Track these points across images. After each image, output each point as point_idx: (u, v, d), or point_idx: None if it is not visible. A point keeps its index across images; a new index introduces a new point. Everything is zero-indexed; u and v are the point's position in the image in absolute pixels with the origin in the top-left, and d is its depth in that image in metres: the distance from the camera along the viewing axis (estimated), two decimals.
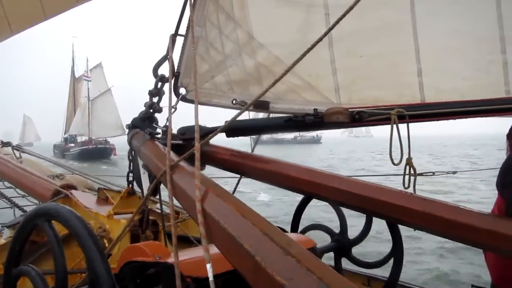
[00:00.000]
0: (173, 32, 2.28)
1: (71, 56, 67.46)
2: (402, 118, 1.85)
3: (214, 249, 1.12)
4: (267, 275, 0.84)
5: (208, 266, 1.01)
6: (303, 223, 2.38)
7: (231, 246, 1.01)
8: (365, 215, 2.07)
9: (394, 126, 1.83)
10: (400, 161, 1.82)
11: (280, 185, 2.13)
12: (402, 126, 1.86)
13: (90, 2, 5.13)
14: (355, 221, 2.39)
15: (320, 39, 1.40)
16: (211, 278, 0.97)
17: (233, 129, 2.18)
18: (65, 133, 67.46)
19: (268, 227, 1.02)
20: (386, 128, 1.90)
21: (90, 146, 52.29)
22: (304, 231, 2.34)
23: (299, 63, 1.54)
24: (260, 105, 2.28)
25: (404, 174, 1.78)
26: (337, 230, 2.27)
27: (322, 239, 2.23)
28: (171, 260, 1.40)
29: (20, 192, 4.00)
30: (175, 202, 1.47)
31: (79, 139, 61.75)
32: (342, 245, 2.20)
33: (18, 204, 3.81)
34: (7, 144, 4.50)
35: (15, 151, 4.31)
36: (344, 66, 2.24)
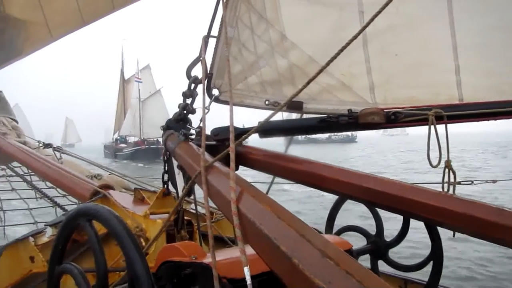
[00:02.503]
0: (205, 33, 2.31)
1: (120, 59, 69.33)
2: (440, 119, 1.79)
3: (249, 250, 1.12)
4: (305, 278, 0.83)
5: (246, 269, 1.01)
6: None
7: (267, 247, 1.01)
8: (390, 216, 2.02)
9: (432, 127, 1.77)
10: (438, 163, 1.77)
11: (313, 186, 2.11)
12: (440, 126, 1.81)
13: (131, 5, 5.30)
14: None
15: (356, 37, 1.37)
16: (248, 282, 0.97)
17: (267, 129, 2.17)
18: (114, 134, 69.55)
19: (304, 228, 1.00)
20: (423, 126, 1.85)
21: (143, 147, 53.49)
22: (339, 233, 2.31)
23: (332, 62, 1.52)
24: (293, 105, 2.27)
25: (443, 180, 1.73)
26: (372, 231, 2.24)
27: (357, 241, 2.20)
28: (207, 260, 1.41)
29: (61, 192, 4.16)
30: (210, 202, 1.49)
31: (129, 139, 63.36)
32: (378, 247, 2.16)
33: (59, 204, 3.95)
34: (48, 145, 4.68)
35: (55, 152, 4.48)
36: (379, 64, 2.19)
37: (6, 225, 3.82)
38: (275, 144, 2.56)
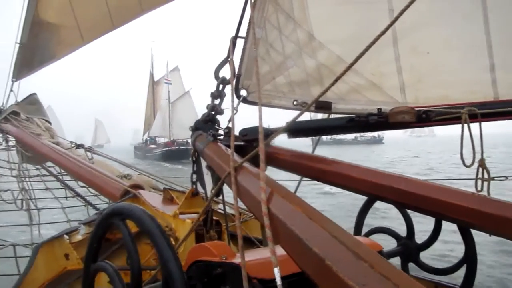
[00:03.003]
0: (233, 34, 2.32)
1: (150, 61, 70.67)
2: (473, 117, 1.74)
3: (279, 250, 1.12)
4: (339, 280, 0.82)
5: (276, 270, 1.00)
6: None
7: (299, 248, 1.00)
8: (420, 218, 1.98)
9: (465, 126, 1.72)
10: (472, 163, 1.72)
11: (342, 187, 2.09)
12: (473, 126, 1.75)
13: (159, 8, 5.38)
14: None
15: (383, 32, 1.35)
16: (279, 283, 0.97)
17: (295, 130, 2.16)
18: (144, 135, 70.83)
19: (337, 229, 0.99)
20: (451, 127, 1.80)
21: (173, 148, 54.20)
22: (368, 234, 2.28)
23: (362, 62, 1.50)
24: (322, 105, 2.25)
25: (477, 178, 1.68)
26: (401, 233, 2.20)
27: (386, 243, 2.16)
28: (237, 260, 1.41)
29: (92, 191, 4.27)
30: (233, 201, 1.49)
31: (158, 140, 64.36)
32: (409, 249, 2.11)
33: (91, 202, 4.06)
34: (80, 146, 4.82)
35: (87, 152, 4.60)
36: (410, 63, 2.15)
37: (40, 223, 3.95)
38: (300, 145, 2.54)
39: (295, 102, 2.40)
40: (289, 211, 1.15)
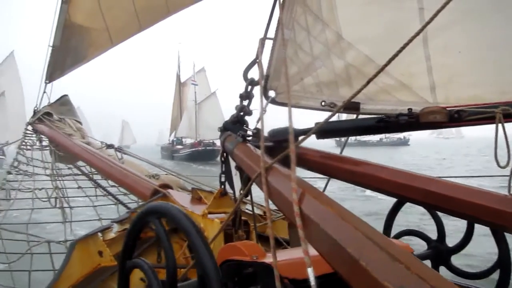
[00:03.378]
0: (261, 36, 2.34)
1: (176, 62, 71.51)
2: (508, 117, 1.70)
3: (310, 251, 1.13)
4: (374, 281, 0.83)
5: (310, 270, 1.01)
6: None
7: (332, 249, 1.01)
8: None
9: (500, 125, 1.69)
10: (507, 163, 1.68)
11: (371, 188, 2.08)
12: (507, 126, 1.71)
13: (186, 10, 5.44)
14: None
15: (418, 33, 1.34)
16: (313, 282, 0.98)
17: (324, 130, 2.17)
18: (170, 136, 71.67)
19: (370, 231, 1.00)
20: (480, 128, 1.76)
21: (200, 148, 54.60)
22: (397, 237, 2.26)
23: (391, 61, 1.49)
24: (350, 106, 2.24)
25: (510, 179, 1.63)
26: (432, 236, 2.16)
27: (414, 246, 2.13)
28: (268, 260, 1.43)
29: (122, 190, 4.38)
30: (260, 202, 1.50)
31: (184, 141, 65.00)
32: (440, 252, 2.08)
33: (122, 201, 4.15)
34: (110, 146, 4.94)
35: (117, 152, 4.71)
36: (441, 63, 2.11)
37: (73, 221, 4.07)
38: (321, 146, 2.52)
39: (323, 103, 2.40)
40: (321, 211, 1.16)
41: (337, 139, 2.93)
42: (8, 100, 56.70)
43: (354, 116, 2.40)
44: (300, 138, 1.68)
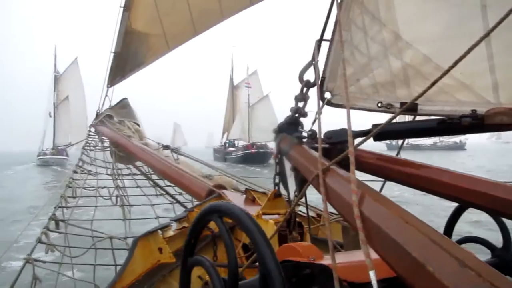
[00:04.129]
0: (316, 37, 2.34)
1: (229, 66, 72.76)
2: None
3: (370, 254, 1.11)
4: (442, 287, 0.80)
5: (372, 273, 1.00)
6: None
7: (395, 253, 0.99)
8: None
9: None
10: None
11: (430, 192, 2.01)
12: None
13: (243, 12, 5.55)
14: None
15: (488, 34, 1.29)
16: (375, 286, 0.96)
17: (382, 132, 2.13)
18: (222, 138, 72.90)
19: (436, 235, 0.97)
20: None
21: (253, 151, 54.91)
22: (458, 244, 2.17)
23: (451, 61, 1.44)
24: (408, 108, 2.19)
25: None
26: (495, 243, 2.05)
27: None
28: (326, 262, 1.43)
29: (177, 190, 4.52)
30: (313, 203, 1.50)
31: (236, 143, 65.83)
32: (505, 261, 1.97)
33: (179, 201, 4.30)
34: (166, 147, 5.13)
35: (173, 153, 4.88)
36: (505, 61, 2.01)
37: (132, 218, 4.26)
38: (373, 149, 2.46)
39: (379, 104, 2.35)
40: (383, 214, 1.14)
41: (388, 142, 2.84)
42: (72, 104, 60.31)
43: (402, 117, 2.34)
44: (359, 140, 1.66)
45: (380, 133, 2.14)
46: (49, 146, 63.24)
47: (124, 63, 6.07)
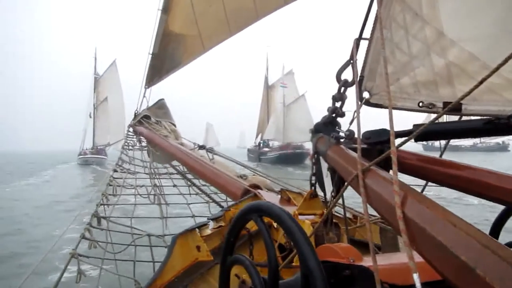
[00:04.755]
0: (353, 36, 2.30)
1: (265, 65, 72.68)
2: None
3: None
4: None
5: (415, 276, 0.98)
6: None
7: (442, 256, 0.96)
8: None
9: None
10: None
11: (476, 194, 1.93)
12: None
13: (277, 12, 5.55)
14: None
15: None
16: None
17: (424, 133, 2.07)
18: (256, 138, 72.96)
19: (485, 238, 0.93)
20: None
21: (289, 151, 54.49)
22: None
23: (499, 59, 1.38)
24: (452, 107, 2.12)
25: None
26: None
27: None
28: (367, 264, 1.40)
29: (212, 189, 4.58)
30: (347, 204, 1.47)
31: (271, 144, 65.68)
32: None
33: (215, 200, 4.35)
34: (202, 147, 5.19)
35: (208, 153, 4.94)
36: None
37: (169, 216, 4.34)
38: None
39: (420, 104, 2.29)
40: (427, 215, 1.11)
41: (425, 143, 2.75)
42: (110, 104, 62.21)
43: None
44: (401, 140, 1.62)
45: (422, 133, 2.08)
46: (89, 146, 65.56)
47: (161, 64, 6.20)
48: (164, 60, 6.13)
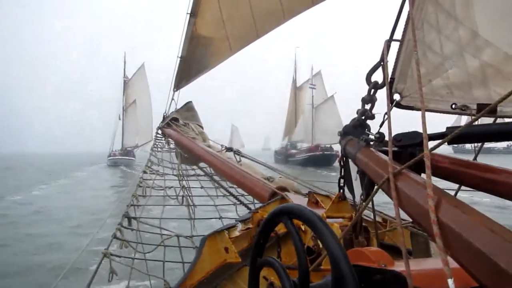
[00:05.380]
0: (385, 38, 2.27)
1: (293, 67, 72.43)
2: None
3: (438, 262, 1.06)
4: None
5: (450, 281, 0.95)
6: None
7: (480, 262, 0.94)
8: None
9: None
10: None
11: None
12: None
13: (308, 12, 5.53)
14: None
15: None
16: None
17: (458, 135, 2.02)
18: (283, 140, 72.47)
19: None
20: None
21: (318, 153, 54.05)
22: None
23: None
24: (484, 109, 2.06)
25: None
26: None
27: None
28: (399, 269, 1.38)
29: (239, 191, 4.59)
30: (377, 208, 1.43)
31: (299, 145, 65.21)
32: None
33: (243, 202, 4.36)
34: (229, 149, 5.22)
35: (235, 155, 4.96)
36: None
37: (197, 218, 4.39)
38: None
39: (453, 106, 2.24)
40: (463, 220, 1.08)
41: (455, 145, 2.66)
42: (139, 107, 63.47)
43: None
44: (433, 143, 1.59)
45: (457, 136, 2.03)
46: (118, 148, 67.09)
47: (189, 67, 6.28)
48: (192, 63, 6.21)
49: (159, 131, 6.89)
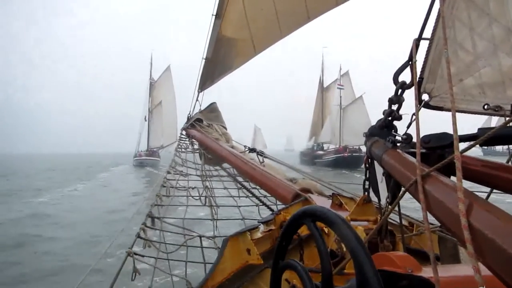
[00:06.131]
0: (413, 37, 2.20)
1: (320, 67, 71.69)
2: None
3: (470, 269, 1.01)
4: None
5: None
6: None
7: None
8: None
9: None
10: None
11: None
12: None
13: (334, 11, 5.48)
14: None
15: None
16: None
17: (490, 137, 1.93)
18: (309, 141, 71.83)
19: None
20: None
21: (346, 154, 53.24)
22: None
23: None
24: None
25: None
26: None
27: None
28: (425, 275, 1.33)
29: (262, 192, 4.56)
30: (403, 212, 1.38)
31: (326, 146, 64.51)
32: None
33: (266, 203, 4.33)
34: (252, 150, 5.21)
35: (259, 156, 4.94)
36: None
37: (219, 218, 4.38)
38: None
39: (486, 106, 2.15)
40: (496, 226, 1.02)
41: (485, 147, 2.56)
42: (164, 108, 64.36)
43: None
44: (464, 145, 1.52)
45: (489, 137, 1.94)
46: (143, 148, 68.21)
47: (214, 68, 6.31)
48: (216, 64, 6.23)
49: (184, 132, 6.95)
